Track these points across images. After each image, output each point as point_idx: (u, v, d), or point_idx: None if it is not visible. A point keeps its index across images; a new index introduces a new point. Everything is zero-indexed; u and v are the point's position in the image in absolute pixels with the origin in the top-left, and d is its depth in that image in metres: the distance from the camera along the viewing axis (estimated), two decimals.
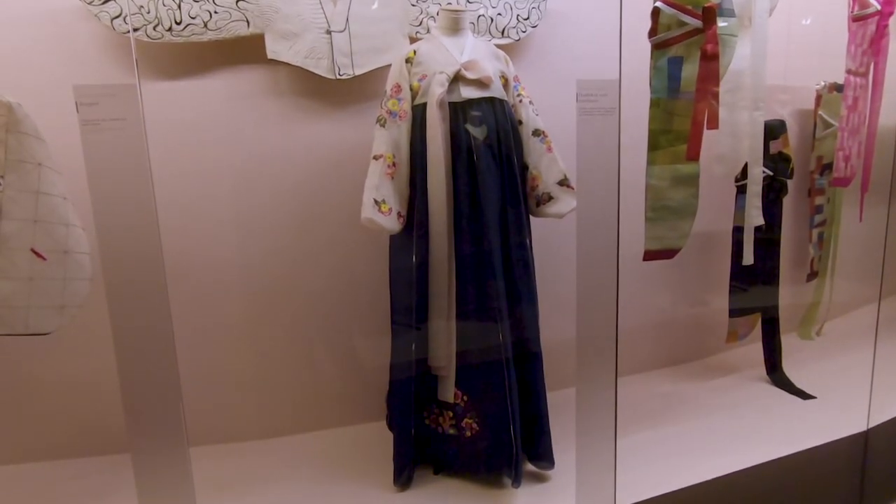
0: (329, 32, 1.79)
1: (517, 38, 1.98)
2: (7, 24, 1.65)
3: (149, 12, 1.66)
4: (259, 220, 1.91)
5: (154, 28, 1.68)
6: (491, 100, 1.64)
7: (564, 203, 1.71)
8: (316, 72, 1.80)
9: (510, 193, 1.67)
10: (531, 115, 1.74)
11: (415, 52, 1.66)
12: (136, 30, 1.66)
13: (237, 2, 1.72)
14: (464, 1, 1.89)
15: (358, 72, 1.84)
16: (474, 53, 1.67)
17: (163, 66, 1.77)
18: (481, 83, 1.62)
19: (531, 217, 1.77)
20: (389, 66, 1.74)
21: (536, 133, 1.74)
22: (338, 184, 1.93)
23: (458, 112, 1.60)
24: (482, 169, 1.60)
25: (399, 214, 1.63)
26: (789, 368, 2.38)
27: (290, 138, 1.90)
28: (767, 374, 2.38)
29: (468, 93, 1.61)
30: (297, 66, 1.79)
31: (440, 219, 1.60)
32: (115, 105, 1.08)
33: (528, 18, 1.97)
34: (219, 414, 1.96)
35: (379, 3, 1.83)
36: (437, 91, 1.57)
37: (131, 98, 1.09)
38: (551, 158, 1.73)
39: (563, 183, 1.72)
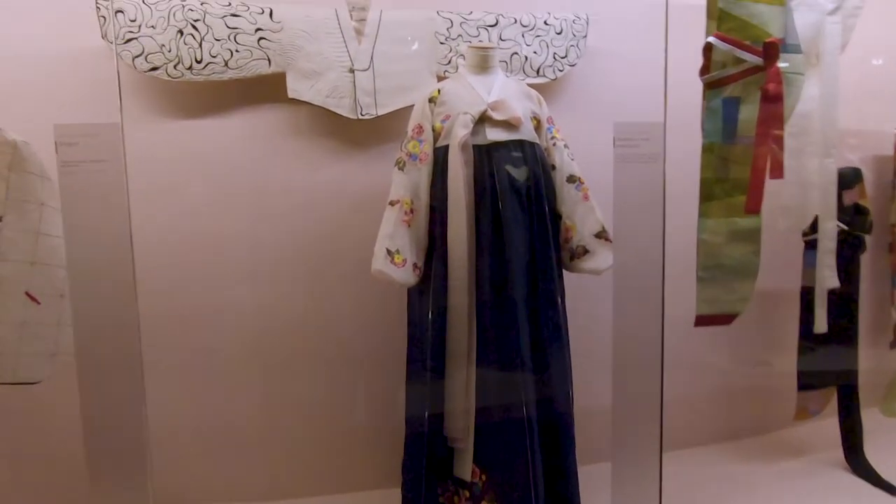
0: (352, 71, 1.71)
1: (553, 77, 1.84)
2: (31, 64, 1.65)
3: (170, 51, 1.62)
4: (273, 264, 1.80)
5: (174, 66, 1.64)
6: (520, 142, 1.49)
7: (602, 258, 1.51)
8: (337, 111, 1.71)
9: (540, 245, 1.49)
10: (566, 160, 1.58)
11: (439, 91, 1.55)
12: (155, 68, 1.63)
13: (259, 40, 1.66)
14: (495, 38, 1.77)
15: (381, 112, 1.73)
16: (503, 93, 1.54)
17: (181, 105, 1.73)
18: (510, 125, 1.48)
19: (564, 272, 1.58)
20: (411, 106, 1.63)
21: (571, 179, 1.57)
22: (357, 228, 1.81)
23: (482, 156, 1.46)
24: (508, 218, 1.44)
25: (415, 266, 1.48)
26: (872, 452, 2.03)
27: (310, 180, 1.80)
28: (845, 458, 2.04)
29: (495, 135, 1.47)
30: (319, 106, 1.71)
31: (460, 272, 1.44)
32: (96, 145, 1.00)
33: (565, 56, 1.83)
34: (219, 473, 1.82)
35: (406, 40, 1.74)
36: (460, 133, 1.43)
37: (114, 138, 1.00)
38: (588, 207, 1.55)
39: (601, 235, 1.53)
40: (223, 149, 1.75)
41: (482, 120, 1.47)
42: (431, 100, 1.54)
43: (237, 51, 1.66)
